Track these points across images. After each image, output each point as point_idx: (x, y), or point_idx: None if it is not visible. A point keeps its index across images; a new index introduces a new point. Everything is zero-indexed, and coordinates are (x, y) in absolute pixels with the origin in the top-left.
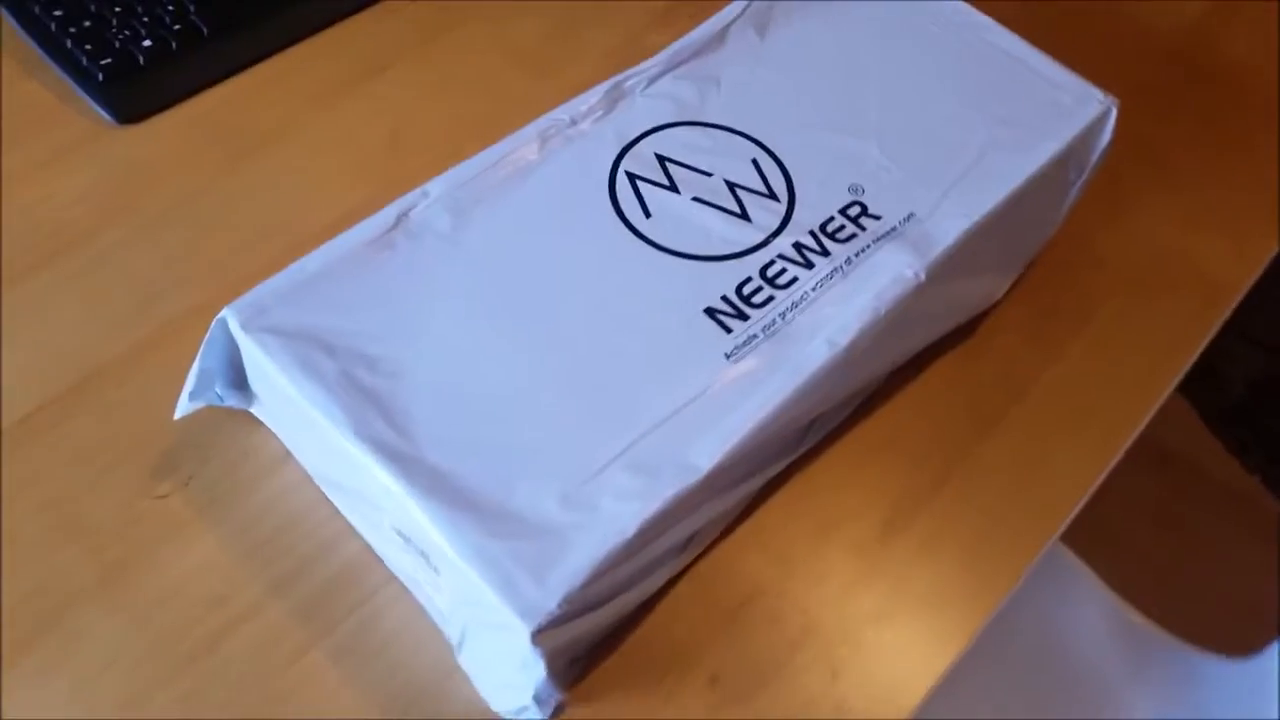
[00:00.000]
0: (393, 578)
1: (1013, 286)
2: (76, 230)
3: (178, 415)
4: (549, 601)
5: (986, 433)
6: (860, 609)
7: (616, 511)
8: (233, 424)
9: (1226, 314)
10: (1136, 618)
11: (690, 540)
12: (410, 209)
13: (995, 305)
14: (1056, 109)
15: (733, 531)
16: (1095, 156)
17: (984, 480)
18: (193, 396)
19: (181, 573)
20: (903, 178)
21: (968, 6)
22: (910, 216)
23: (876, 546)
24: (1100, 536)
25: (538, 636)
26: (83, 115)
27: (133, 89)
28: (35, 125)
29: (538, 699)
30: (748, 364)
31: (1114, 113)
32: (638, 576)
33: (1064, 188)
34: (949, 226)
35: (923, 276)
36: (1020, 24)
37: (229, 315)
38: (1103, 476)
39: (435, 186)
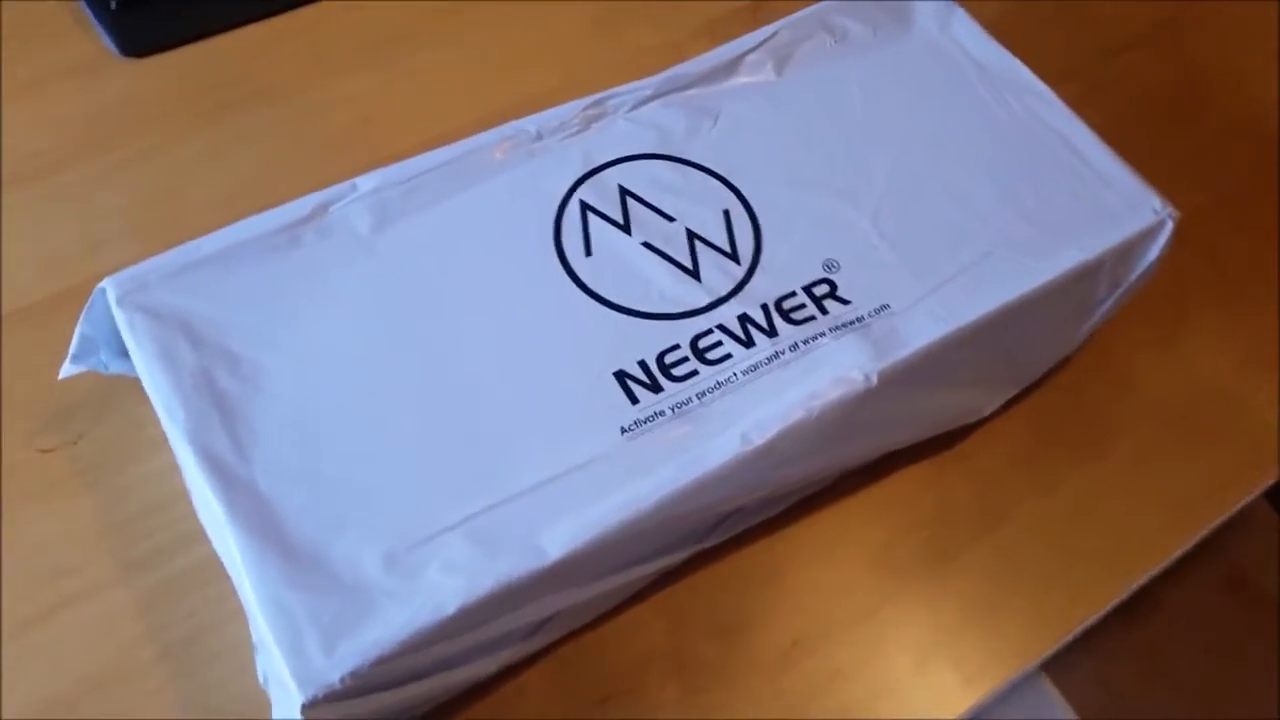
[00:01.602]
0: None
1: (1017, 398)
2: (44, 161)
3: (61, 376)
4: (331, 674)
5: (937, 566)
6: None
7: (439, 585)
8: (136, 391)
9: (1271, 481)
10: None
11: (545, 624)
12: (332, 202)
13: (990, 417)
14: (1098, 212)
15: (616, 615)
16: (1136, 274)
17: (918, 619)
18: (74, 360)
19: (41, 534)
20: (891, 261)
21: (1030, 74)
22: (884, 308)
23: (776, 668)
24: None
25: (308, 708)
26: (89, 42)
27: (142, 22)
28: (38, 46)
29: None
30: (644, 443)
31: (1170, 226)
32: (464, 657)
33: (1088, 305)
34: (922, 329)
35: (874, 381)
36: (1129, 107)
37: (108, 286)
38: (1058, 647)
39: (367, 181)
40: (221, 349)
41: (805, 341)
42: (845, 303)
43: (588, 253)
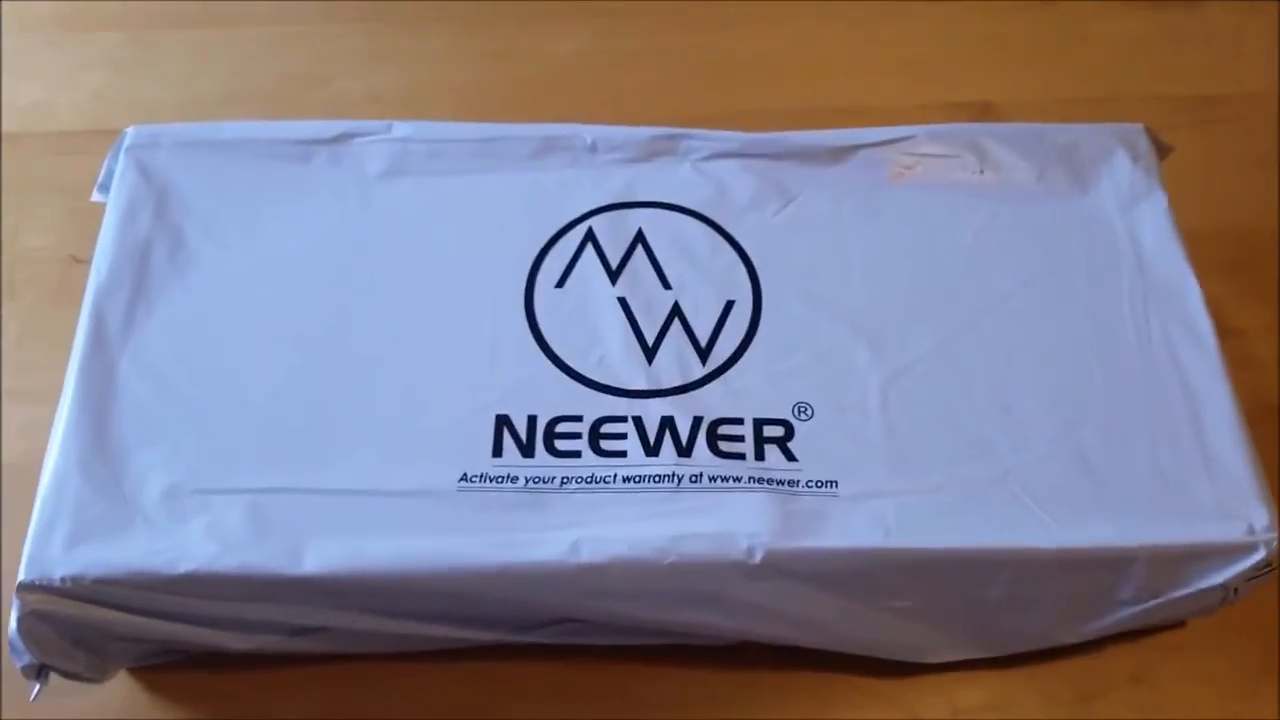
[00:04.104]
0: None
1: (989, 663)
2: None
3: (93, 199)
4: (55, 569)
5: None
6: None
7: (191, 541)
8: None
9: None
10: None
11: (315, 632)
12: (358, 135)
13: (947, 668)
14: (1172, 499)
15: (422, 661)
16: (1188, 592)
17: None
18: (100, 189)
19: None
20: (874, 437)
21: (1200, 302)
22: (829, 484)
23: None
24: None
25: (24, 588)
26: None
27: None
28: None
29: (12, 646)
30: (473, 502)
31: (1262, 554)
32: (207, 620)
33: (1103, 602)
34: (855, 530)
35: (756, 558)
36: None
37: (129, 133)
38: None
39: (402, 128)
40: (175, 229)
41: (714, 479)
42: (791, 459)
43: (559, 284)
